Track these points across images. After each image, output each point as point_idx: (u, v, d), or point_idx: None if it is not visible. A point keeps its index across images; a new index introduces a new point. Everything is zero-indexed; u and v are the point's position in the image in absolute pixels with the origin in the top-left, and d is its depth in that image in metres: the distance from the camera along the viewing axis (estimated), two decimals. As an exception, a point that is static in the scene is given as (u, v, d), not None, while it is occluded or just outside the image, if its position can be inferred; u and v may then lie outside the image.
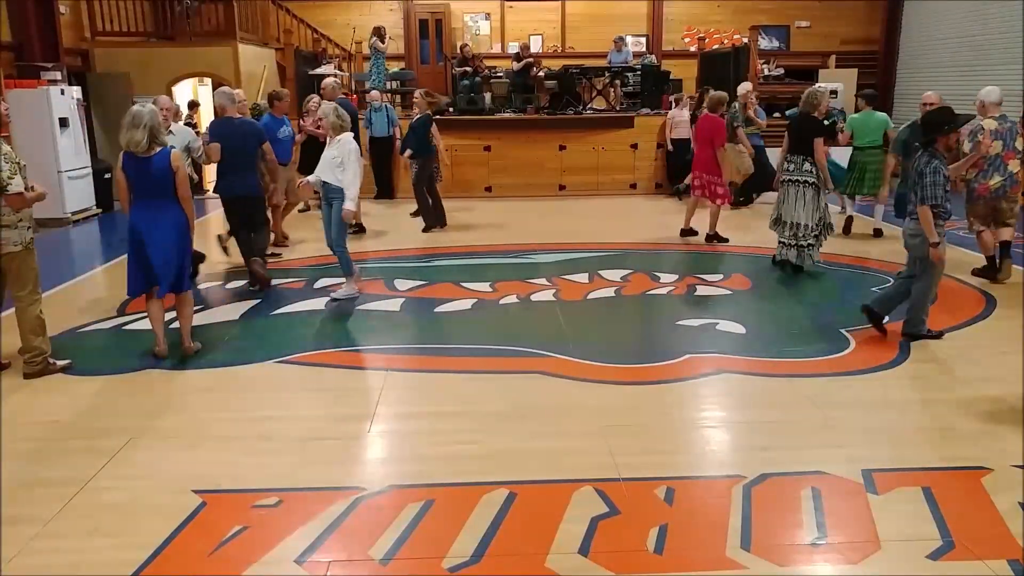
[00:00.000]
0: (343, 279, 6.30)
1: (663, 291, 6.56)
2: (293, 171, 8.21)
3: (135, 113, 4.67)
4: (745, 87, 10.35)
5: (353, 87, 14.12)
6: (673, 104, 11.44)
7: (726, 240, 8.30)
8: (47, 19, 10.49)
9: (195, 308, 5.35)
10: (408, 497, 3.30)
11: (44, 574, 2.84)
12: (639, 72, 13.14)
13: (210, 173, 7.84)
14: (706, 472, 3.60)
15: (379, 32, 13.12)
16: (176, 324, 5.12)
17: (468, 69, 13.57)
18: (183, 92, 12.29)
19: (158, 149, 4.71)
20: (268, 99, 8.27)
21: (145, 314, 5.29)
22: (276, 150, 7.08)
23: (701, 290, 6.57)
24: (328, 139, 6.11)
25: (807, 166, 6.70)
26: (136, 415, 4.16)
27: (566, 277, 6.97)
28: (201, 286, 6.65)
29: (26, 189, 4.52)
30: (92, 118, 10.95)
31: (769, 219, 7.18)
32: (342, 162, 5.90)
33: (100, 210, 10.42)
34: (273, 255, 7.61)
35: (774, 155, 8.58)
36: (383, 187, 11.23)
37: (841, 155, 8.56)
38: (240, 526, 3.09)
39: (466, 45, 14.65)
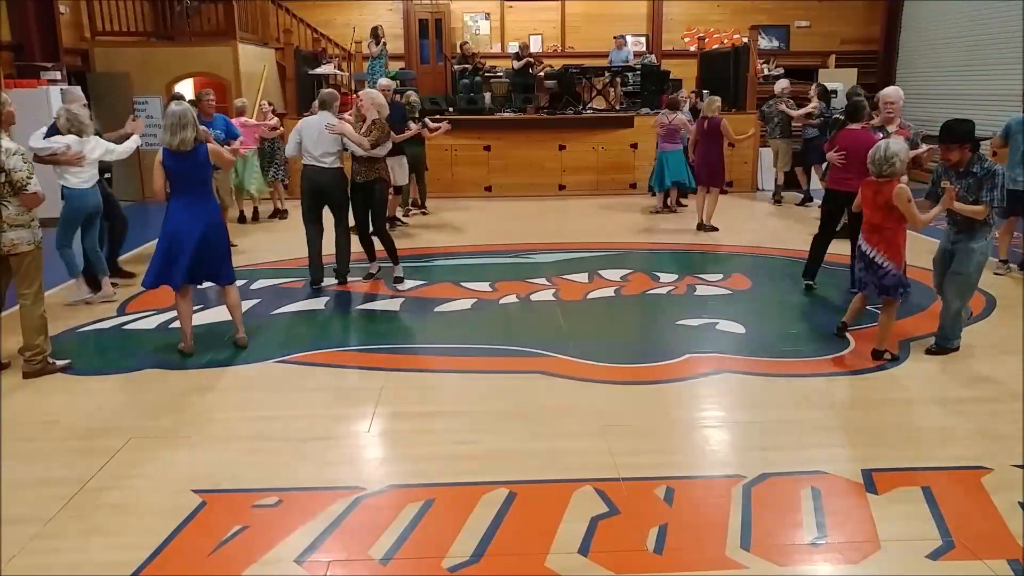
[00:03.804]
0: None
1: (663, 291, 6.56)
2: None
3: (181, 114, 4.70)
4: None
5: (353, 87, 14.11)
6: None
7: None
8: (47, 19, 10.49)
9: (195, 308, 5.35)
10: (408, 497, 3.30)
11: (44, 574, 2.84)
12: (639, 72, 13.15)
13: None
14: (706, 472, 3.60)
15: (375, 34, 13.04)
16: (175, 324, 5.11)
17: (468, 67, 13.56)
18: (183, 92, 12.26)
19: (197, 144, 4.77)
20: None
21: (145, 313, 5.29)
22: None
23: (701, 290, 6.57)
24: None
25: None
26: (136, 415, 4.16)
27: (566, 277, 6.97)
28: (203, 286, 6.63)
29: None
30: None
31: None
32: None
33: (99, 210, 10.38)
34: None
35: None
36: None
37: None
38: (240, 526, 3.09)
39: (466, 42, 14.65)
